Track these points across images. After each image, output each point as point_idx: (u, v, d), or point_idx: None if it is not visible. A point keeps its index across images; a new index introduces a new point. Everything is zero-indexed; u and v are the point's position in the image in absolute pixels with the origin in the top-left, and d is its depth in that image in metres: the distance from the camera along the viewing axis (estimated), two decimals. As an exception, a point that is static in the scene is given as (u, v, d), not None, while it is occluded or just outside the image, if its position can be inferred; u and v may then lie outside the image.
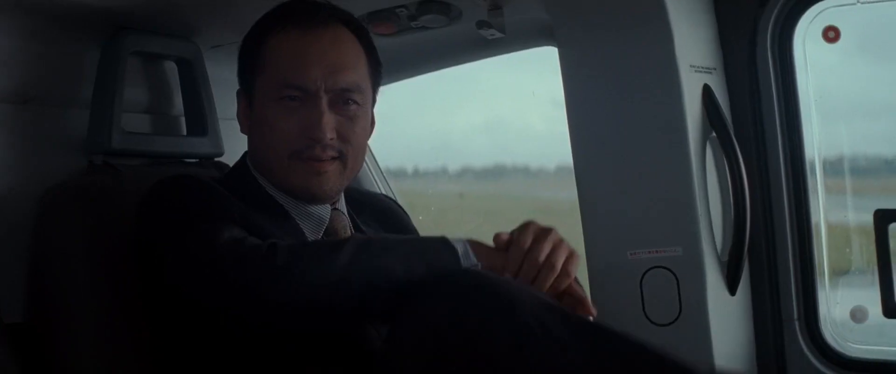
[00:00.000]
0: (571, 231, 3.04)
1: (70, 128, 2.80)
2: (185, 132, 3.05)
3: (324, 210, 2.53)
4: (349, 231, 2.57)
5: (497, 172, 4.53)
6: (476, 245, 2.27)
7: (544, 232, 2.29)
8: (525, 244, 2.26)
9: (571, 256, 2.30)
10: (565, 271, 2.27)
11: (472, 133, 4.42)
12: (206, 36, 3.01)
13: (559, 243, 2.30)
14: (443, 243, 2.25)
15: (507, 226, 2.55)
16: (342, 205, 2.60)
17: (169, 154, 2.96)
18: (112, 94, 2.79)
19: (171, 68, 3.03)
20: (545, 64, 3.19)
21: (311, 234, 2.50)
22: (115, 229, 2.64)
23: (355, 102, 2.48)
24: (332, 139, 2.44)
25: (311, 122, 2.43)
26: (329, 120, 2.43)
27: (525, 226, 2.30)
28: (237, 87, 2.60)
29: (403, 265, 2.18)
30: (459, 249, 2.24)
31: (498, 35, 3.07)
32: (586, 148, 3.00)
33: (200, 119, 3.00)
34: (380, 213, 2.79)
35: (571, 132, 2.99)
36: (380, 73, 2.60)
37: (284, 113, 2.44)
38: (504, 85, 4.16)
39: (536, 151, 4.39)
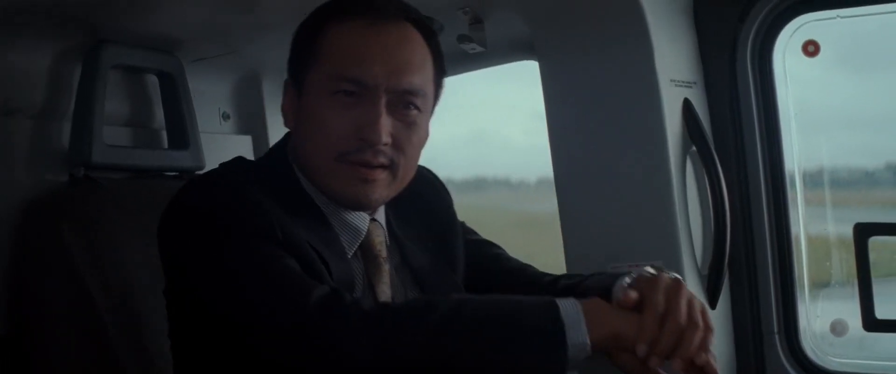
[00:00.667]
0: (552, 245, 3.06)
1: (52, 140, 2.80)
2: (166, 145, 3.05)
3: (361, 221, 2.30)
4: (385, 249, 2.33)
5: (478, 185, 4.54)
6: (593, 309, 2.03)
7: (675, 287, 2.11)
8: (660, 306, 2.05)
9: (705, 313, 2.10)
10: (703, 343, 2.05)
11: (453, 146, 4.42)
12: (188, 49, 3.02)
13: (693, 299, 2.11)
14: (546, 311, 2.01)
15: (489, 238, 2.57)
16: (381, 213, 2.37)
17: (150, 168, 2.96)
18: (93, 106, 2.80)
19: (152, 81, 3.04)
20: (526, 77, 3.20)
21: (347, 246, 2.27)
22: (97, 241, 2.64)
23: (416, 107, 2.24)
24: (386, 144, 2.20)
25: (365, 121, 2.18)
26: (386, 123, 2.19)
27: (650, 283, 2.11)
28: (217, 101, 2.58)
29: (494, 347, 1.98)
30: (568, 317, 1.99)
31: (479, 49, 3.07)
32: (567, 161, 3.01)
33: (181, 132, 3.01)
34: (418, 198, 2.45)
35: (552, 146, 3.00)
36: (443, 81, 2.37)
37: (337, 109, 2.20)
38: (485, 98, 4.17)
39: (518, 163, 4.40)
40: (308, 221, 2.21)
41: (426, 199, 2.51)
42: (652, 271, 2.19)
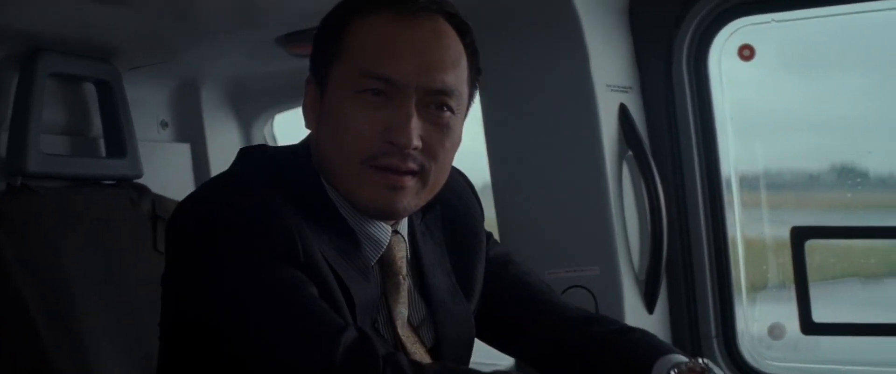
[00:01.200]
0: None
1: (-12, 150, 2.79)
2: (104, 154, 3.04)
3: (384, 233, 2.10)
4: (404, 265, 2.14)
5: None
6: None
7: None
8: None
9: None
10: None
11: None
12: (125, 58, 3.01)
13: None
14: None
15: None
16: (404, 225, 2.17)
17: (88, 176, 2.95)
18: (30, 115, 2.79)
19: (90, 90, 3.02)
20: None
21: (369, 259, 2.09)
22: (34, 250, 2.64)
23: (450, 109, 2.03)
24: (416, 148, 1.99)
25: (394, 123, 1.97)
26: (417, 125, 1.98)
27: None
28: (155, 108, 2.54)
29: None
30: None
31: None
32: (504, 167, 3.01)
33: (119, 141, 3.00)
34: (446, 208, 2.28)
35: (489, 151, 3.01)
36: (479, 82, 2.16)
37: (363, 109, 1.99)
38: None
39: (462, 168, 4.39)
40: (331, 233, 2.03)
41: (454, 209, 2.32)
42: (701, 364, 2.09)
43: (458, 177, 2.36)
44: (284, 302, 1.88)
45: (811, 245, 2.98)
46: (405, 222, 2.16)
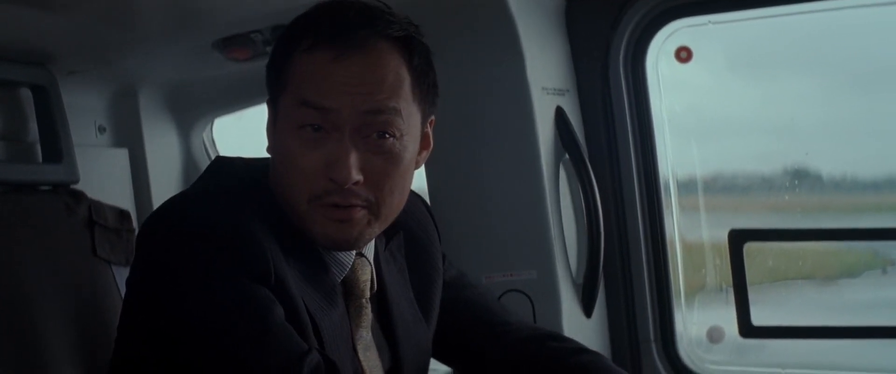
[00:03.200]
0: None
1: (-77, 156, 2.78)
2: (40, 159, 3.02)
3: (347, 256, 2.10)
4: (368, 290, 2.15)
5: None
6: None
7: None
8: None
9: None
10: None
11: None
12: (61, 63, 2.98)
13: None
14: None
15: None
16: (370, 249, 2.16)
17: (23, 182, 2.92)
18: (-37, 121, 2.77)
19: (25, 95, 3.00)
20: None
21: (335, 279, 2.10)
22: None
23: (393, 134, 1.99)
24: (357, 183, 1.97)
25: (332, 159, 1.97)
26: (355, 159, 1.96)
27: None
28: (93, 114, 2.52)
29: None
30: None
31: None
32: (440, 170, 3.00)
33: (55, 146, 2.97)
34: (409, 238, 2.31)
35: (425, 155, 2.99)
36: (433, 94, 2.12)
37: (304, 146, 1.98)
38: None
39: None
40: (298, 257, 2.03)
41: (416, 239, 2.34)
42: None
43: (418, 203, 2.39)
44: (253, 321, 1.89)
45: (765, 248, 2.98)
46: (371, 245, 2.16)
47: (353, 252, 2.11)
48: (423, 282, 2.32)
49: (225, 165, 2.17)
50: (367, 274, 2.14)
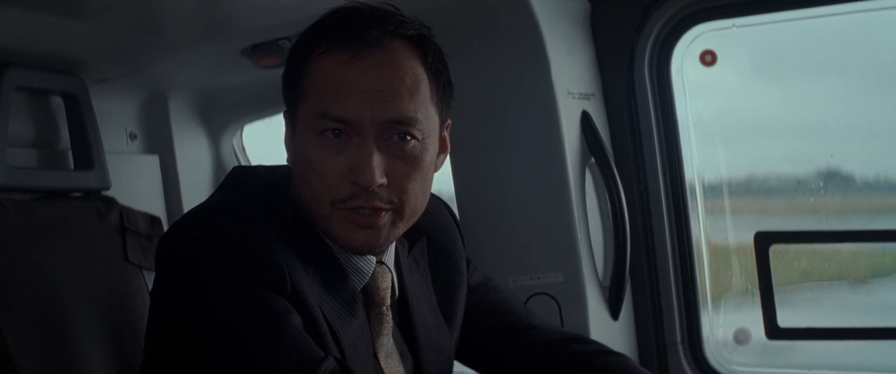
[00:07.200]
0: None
1: (-42, 163, 2.80)
2: (72, 166, 3.05)
3: (367, 264, 2.11)
4: (388, 297, 2.16)
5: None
6: None
7: None
8: None
9: None
10: None
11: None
12: (92, 71, 3.01)
13: None
14: None
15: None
16: (390, 255, 2.18)
17: (55, 189, 2.95)
18: (-3, 128, 2.79)
19: (57, 103, 3.03)
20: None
21: (355, 288, 2.12)
22: (2, 264, 2.64)
23: (414, 136, 2.01)
24: (381, 186, 1.98)
25: (355, 163, 1.97)
26: (378, 162, 1.97)
27: None
28: (123, 120, 2.53)
29: None
30: None
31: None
32: (467, 175, 3.01)
33: (87, 153, 3.00)
34: (430, 241, 2.33)
35: (452, 160, 2.99)
36: (449, 95, 2.13)
37: (326, 151, 1.99)
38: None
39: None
40: (317, 266, 2.05)
41: (440, 245, 2.35)
42: None
43: (441, 208, 2.40)
44: (267, 328, 1.91)
45: (796, 250, 2.98)
46: (391, 252, 2.17)
47: (373, 260, 2.12)
48: (447, 287, 2.34)
49: (243, 176, 2.20)
50: (387, 282, 2.15)
